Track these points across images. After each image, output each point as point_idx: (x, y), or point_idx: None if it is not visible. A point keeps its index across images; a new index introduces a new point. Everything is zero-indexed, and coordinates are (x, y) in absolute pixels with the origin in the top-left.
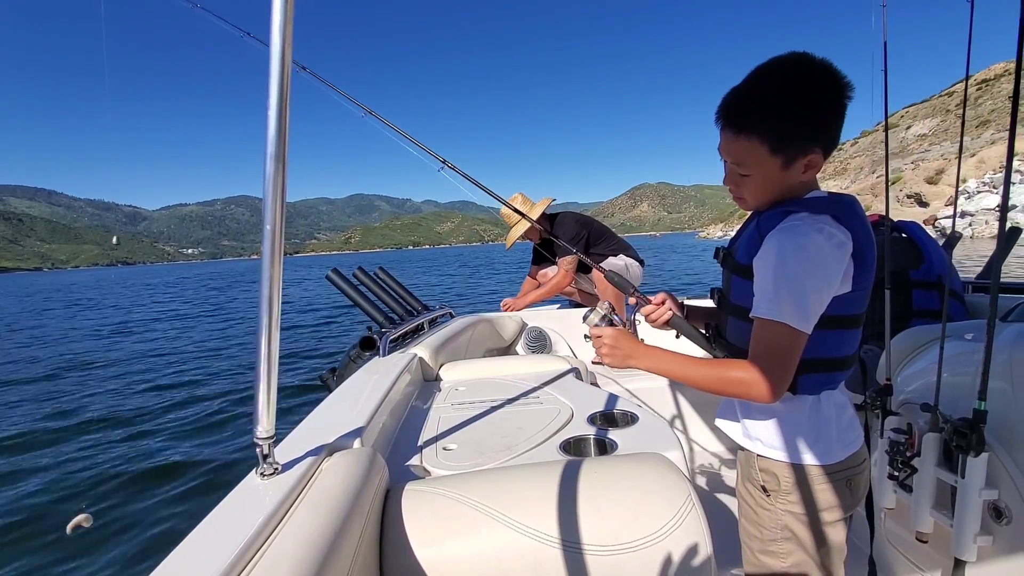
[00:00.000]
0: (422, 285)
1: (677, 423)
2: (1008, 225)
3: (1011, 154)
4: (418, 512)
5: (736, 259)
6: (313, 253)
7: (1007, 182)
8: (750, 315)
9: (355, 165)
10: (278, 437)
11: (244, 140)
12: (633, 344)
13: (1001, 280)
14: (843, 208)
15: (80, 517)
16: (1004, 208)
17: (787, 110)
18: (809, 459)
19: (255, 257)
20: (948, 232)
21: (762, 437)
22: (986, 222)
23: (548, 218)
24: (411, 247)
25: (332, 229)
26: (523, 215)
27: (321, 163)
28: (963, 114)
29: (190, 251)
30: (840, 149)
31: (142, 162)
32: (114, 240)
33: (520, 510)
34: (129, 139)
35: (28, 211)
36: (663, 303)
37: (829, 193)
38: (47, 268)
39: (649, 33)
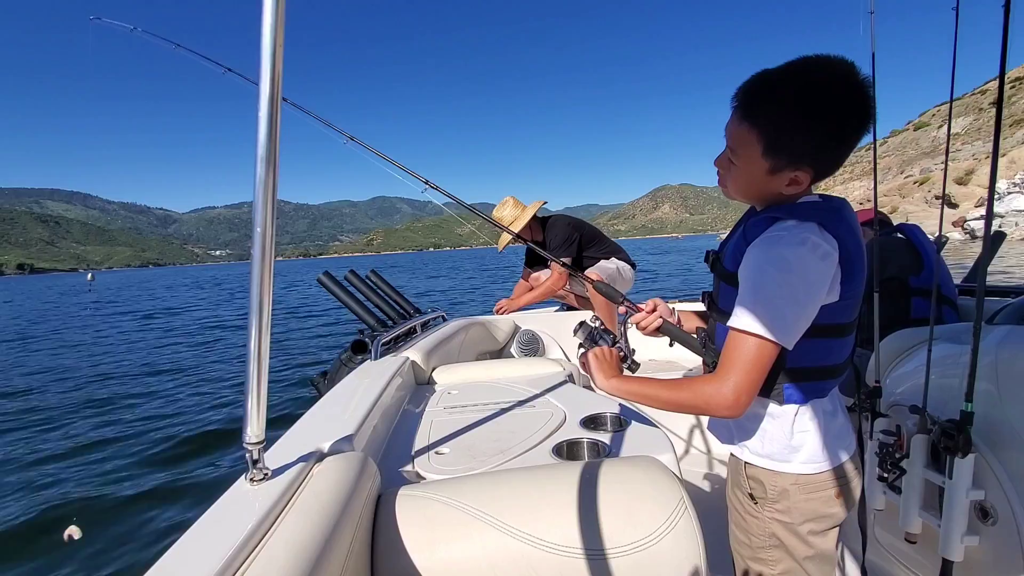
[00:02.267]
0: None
1: (669, 426)
2: (993, 229)
3: (995, 161)
4: (410, 517)
5: (723, 265)
6: (336, 255)
7: (992, 186)
8: (727, 325)
9: (377, 168)
10: (268, 442)
11: None
12: (611, 370)
13: (987, 283)
14: (831, 215)
15: (71, 529)
16: (989, 212)
17: (796, 120)
18: (795, 468)
19: (280, 259)
20: (976, 234)
21: (749, 444)
22: (1016, 224)
23: (540, 221)
24: (432, 249)
25: (355, 231)
26: (506, 229)
27: (344, 166)
28: (947, 131)
29: (218, 252)
30: (869, 148)
31: (172, 165)
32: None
33: (513, 514)
34: (158, 141)
35: (65, 214)
36: (653, 310)
37: (821, 196)
38: (82, 269)
39: (668, 34)
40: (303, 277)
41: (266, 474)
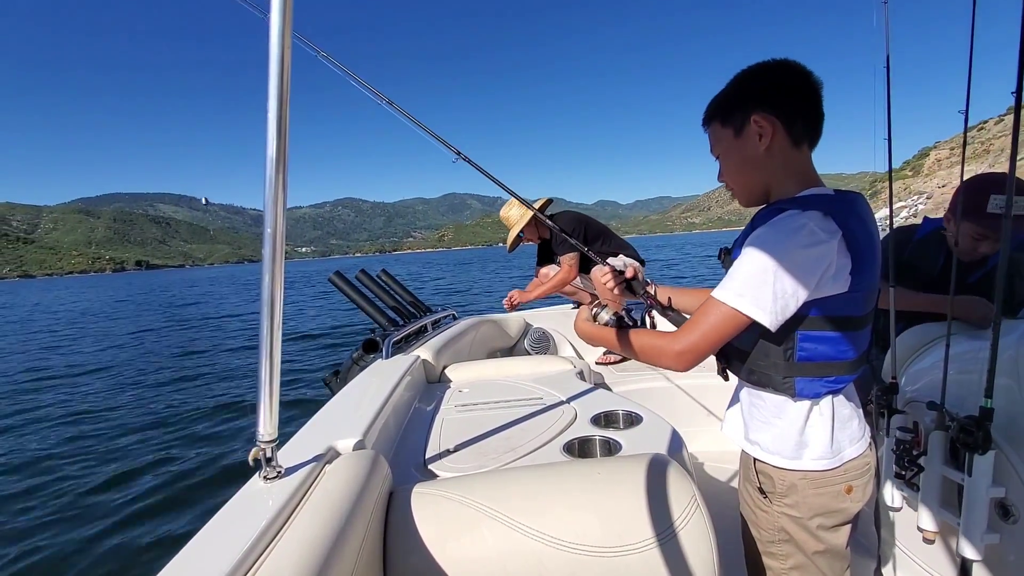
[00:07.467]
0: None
1: (681, 424)
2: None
3: (1015, 151)
4: (421, 514)
5: (732, 259)
6: (409, 251)
7: (1011, 173)
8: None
9: (449, 166)
10: (281, 440)
11: (349, 142)
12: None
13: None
14: (839, 205)
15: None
16: (1008, 203)
17: (730, 87)
18: (804, 464)
19: (359, 255)
20: None
21: (760, 440)
22: None
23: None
24: (500, 244)
25: (427, 228)
26: (526, 202)
27: (417, 165)
28: (964, 138)
29: (303, 249)
30: (982, 128)
31: (263, 169)
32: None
33: (524, 512)
34: (249, 141)
35: (174, 215)
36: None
37: (836, 191)
38: (188, 265)
39: (741, 15)
40: (373, 270)
41: (279, 472)
